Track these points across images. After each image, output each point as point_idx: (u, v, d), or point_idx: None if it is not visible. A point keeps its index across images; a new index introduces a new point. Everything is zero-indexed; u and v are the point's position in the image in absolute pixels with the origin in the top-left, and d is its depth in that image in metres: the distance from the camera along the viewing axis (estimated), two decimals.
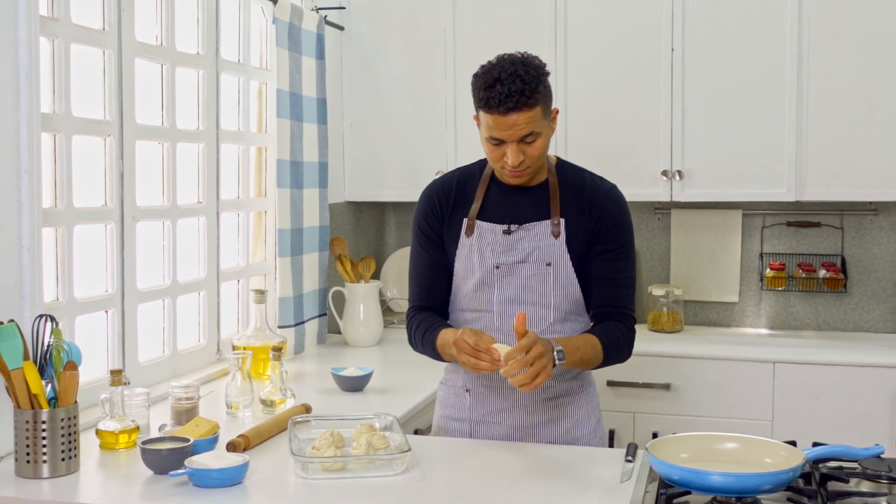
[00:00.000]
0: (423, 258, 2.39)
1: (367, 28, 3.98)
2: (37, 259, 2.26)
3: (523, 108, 2.13)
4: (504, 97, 2.12)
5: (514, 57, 2.19)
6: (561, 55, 3.75)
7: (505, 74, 2.13)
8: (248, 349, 2.90)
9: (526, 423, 2.34)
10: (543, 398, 2.33)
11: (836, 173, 3.54)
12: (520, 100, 2.12)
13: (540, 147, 2.21)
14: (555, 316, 2.30)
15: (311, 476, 2.02)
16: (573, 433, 2.36)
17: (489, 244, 2.31)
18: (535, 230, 2.29)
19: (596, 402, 2.44)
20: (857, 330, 3.88)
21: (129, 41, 2.71)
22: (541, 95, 2.16)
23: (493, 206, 2.34)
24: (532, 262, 2.29)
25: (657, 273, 4.09)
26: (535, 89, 2.14)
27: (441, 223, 2.37)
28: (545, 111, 2.19)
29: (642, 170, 3.71)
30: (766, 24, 3.56)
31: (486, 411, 2.36)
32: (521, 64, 2.16)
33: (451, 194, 2.37)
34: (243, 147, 3.37)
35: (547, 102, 2.20)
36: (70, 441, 2.06)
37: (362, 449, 2.08)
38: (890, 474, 1.93)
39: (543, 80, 2.18)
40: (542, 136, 2.20)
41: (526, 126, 2.15)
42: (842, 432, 3.26)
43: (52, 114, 2.46)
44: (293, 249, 3.44)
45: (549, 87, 2.21)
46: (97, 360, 2.65)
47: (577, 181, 2.34)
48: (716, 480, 1.79)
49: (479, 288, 2.32)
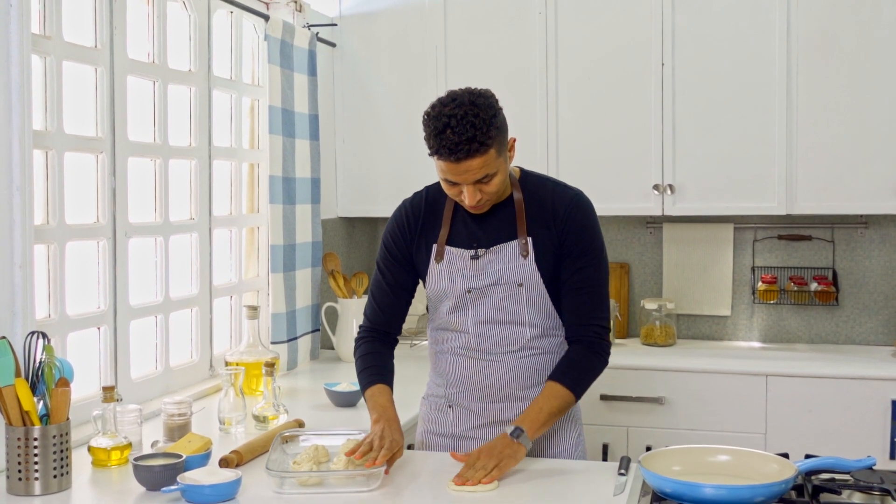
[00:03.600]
0: (387, 277, 2.38)
1: (359, 45, 4.00)
2: (28, 276, 2.26)
3: (475, 154, 2.08)
4: (455, 145, 2.07)
5: (463, 98, 2.11)
6: (552, 70, 3.77)
7: (455, 121, 2.07)
8: (241, 365, 2.90)
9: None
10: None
11: (826, 187, 3.55)
12: (471, 147, 2.07)
13: (497, 184, 2.17)
14: (531, 333, 2.30)
15: (287, 491, 2.02)
16: (554, 448, 2.35)
17: (459, 269, 2.29)
18: (504, 251, 2.27)
19: (577, 416, 2.42)
20: (848, 343, 3.89)
21: (122, 58, 2.72)
22: (493, 138, 2.10)
23: (460, 229, 2.32)
24: (503, 284, 2.27)
25: (650, 287, 4.10)
26: (487, 133, 2.08)
27: (409, 244, 2.36)
28: (500, 150, 2.14)
29: (633, 184, 3.72)
30: (755, 39, 3.59)
31: (468, 427, 2.36)
32: (471, 106, 2.09)
33: (420, 216, 2.36)
34: (235, 163, 3.38)
35: (501, 140, 2.15)
36: (62, 458, 2.06)
37: (342, 464, 2.08)
38: (882, 486, 1.93)
39: (495, 122, 2.11)
40: (499, 173, 2.16)
41: (480, 170, 2.12)
42: (834, 445, 3.26)
43: (45, 131, 2.47)
44: (286, 265, 3.44)
45: (502, 123, 2.15)
46: (90, 376, 2.65)
47: (541, 193, 2.30)
48: (708, 493, 1.80)
49: (454, 311, 2.32)
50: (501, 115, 2.17)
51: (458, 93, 2.14)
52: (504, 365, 2.30)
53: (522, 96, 3.79)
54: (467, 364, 2.33)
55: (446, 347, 2.37)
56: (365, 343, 2.40)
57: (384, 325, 2.41)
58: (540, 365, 2.31)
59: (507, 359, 2.30)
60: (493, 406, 2.33)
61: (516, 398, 2.31)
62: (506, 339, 2.30)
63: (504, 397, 2.32)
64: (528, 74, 3.80)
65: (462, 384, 2.34)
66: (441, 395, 2.41)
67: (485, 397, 2.32)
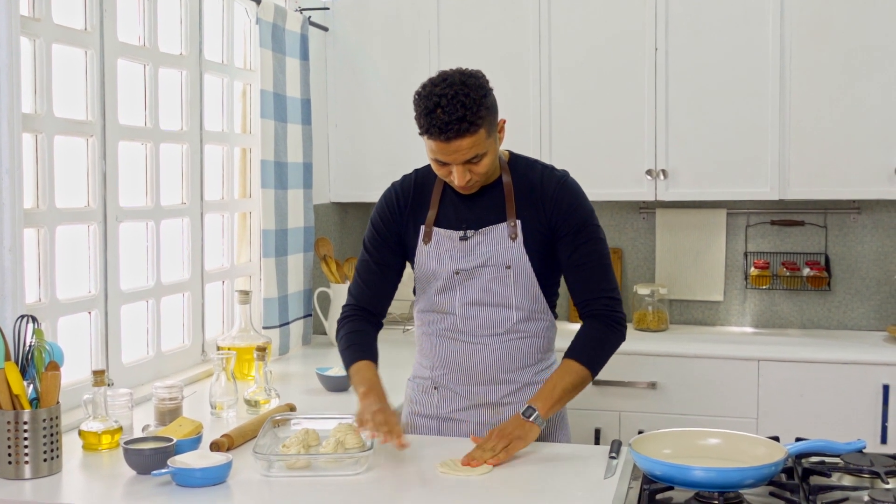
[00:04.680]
0: (374, 256, 2.38)
1: (352, 29, 3.98)
2: (18, 259, 2.25)
3: (465, 134, 2.09)
4: (445, 125, 2.07)
5: (454, 78, 2.11)
6: (545, 55, 3.75)
7: (445, 100, 2.07)
8: (233, 350, 2.90)
9: (493, 420, 2.34)
10: (511, 395, 2.33)
11: (819, 172, 3.55)
12: (461, 126, 2.08)
13: (487, 164, 2.18)
14: (518, 316, 2.31)
15: (274, 474, 2.02)
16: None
17: (447, 251, 2.30)
18: (493, 234, 2.28)
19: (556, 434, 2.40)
20: (840, 328, 3.90)
21: (112, 41, 2.70)
22: (483, 118, 2.10)
23: (448, 210, 2.32)
24: (491, 266, 2.28)
25: (642, 272, 4.10)
26: (477, 114, 2.08)
27: (398, 225, 2.36)
28: (490, 131, 2.14)
29: (626, 169, 3.72)
30: (749, 25, 3.58)
31: (453, 408, 2.37)
32: (462, 86, 2.09)
33: (409, 197, 2.36)
34: (227, 148, 3.37)
35: (491, 121, 2.15)
36: (52, 442, 2.05)
37: (331, 447, 2.09)
38: (871, 468, 1.94)
39: (485, 102, 2.11)
40: (489, 154, 2.17)
41: (470, 150, 2.12)
42: (826, 429, 3.27)
43: (34, 114, 2.45)
44: (278, 250, 3.44)
45: (492, 103, 2.16)
46: (81, 361, 2.64)
47: (530, 175, 2.30)
48: (698, 475, 1.80)
49: (441, 292, 2.33)
50: (492, 95, 2.16)
51: (449, 73, 2.14)
52: (489, 347, 2.31)
53: (516, 81, 3.78)
54: (453, 346, 2.34)
55: (432, 329, 2.37)
56: (349, 322, 2.39)
57: (369, 304, 2.40)
58: (525, 348, 2.33)
59: (492, 341, 2.31)
60: (478, 388, 2.34)
61: (501, 381, 2.33)
62: (492, 322, 2.30)
63: (489, 380, 2.33)
64: (521, 59, 3.78)
65: (447, 366, 2.35)
66: (427, 377, 2.41)
67: (469, 380, 2.34)
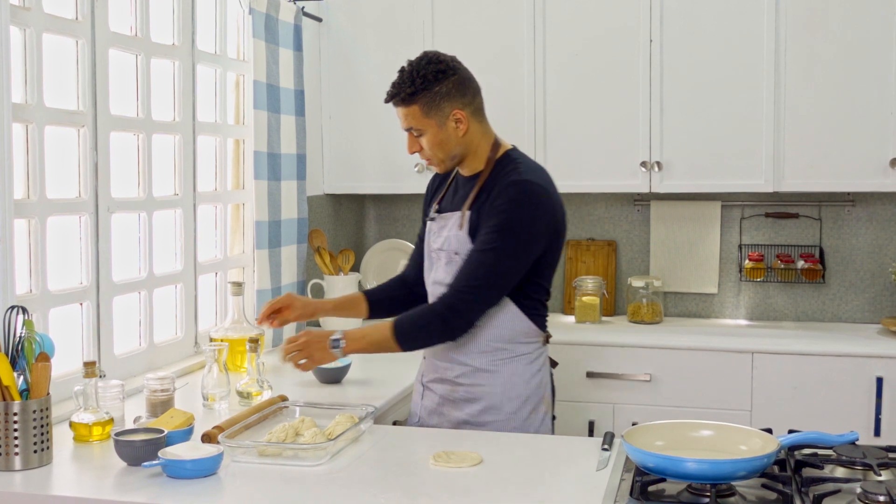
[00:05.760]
0: (420, 231, 2.63)
1: (346, 20, 3.97)
2: (8, 250, 2.24)
3: (399, 103, 2.36)
4: (391, 88, 2.37)
5: (426, 55, 2.37)
6: (539, 47, 3.74)
7: (403, 70, 2.36)
8: (226, 341, 2.89)
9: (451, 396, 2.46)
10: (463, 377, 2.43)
11: (813, 164, 3.55)
12: (398, 95, 2.35)
13: (428, 142, 2.38)
14: None
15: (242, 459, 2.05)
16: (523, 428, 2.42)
17: (429, 231, 2.53)
18: (449, 221, 2.45)
19: (518, 390, 2.43)
20: (835, 320, 3.90)
21: (103, 31, 2.69)
22: (422, 97, 2.32)
23: (448, 194, 2.53)
24: (446, 251, 2.45)
25: (637, 265, 4.09)
26: (420, 89, 2.31)
27: (428, 200, 2.62)
28: (426, 111, 2.34)
29: (621, 161, 3.71)
30: (743, 16, 3.57)
31: (428, 378, 2.54)
32: (417, 64, 2.34)
33: (437, 179, 2.63)
34: (220, 139, 3.35)
35: (431, 104, 2.34)
36: (43, 433, 2.04)
37: (287, 437, 2.12)
38: (864, 460, 1.94)
39: (435, 85, 2.32)
40: (427, 134, 2.37)
41: (405, 120, 2.38)
42: (820, 422, 3.27)
43: (24, 104, 2.44)
44: (271, 242, 3.42)
45: (442, 91, 2.33)
46: (73, 352, 2.63)
47: (503, 173, 2.38)
48: (691, 467, 1.79)
49: (425, 269, 2.56)
50: (448, 84, 2.34)
51: (427, 53, 2.39)
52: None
53: (510, 73, 3.77)
54: None
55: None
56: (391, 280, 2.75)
57: (407, 272, 2.69)
58: (477, 334, 2.40)
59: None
60: (440, 364, 2.48)
61: (455, 361, 2.44)
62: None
63: (445, 358, 2.46)
64: (515, 50, 3.77)
65: None
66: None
67: (434, 353, 2.50)
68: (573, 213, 4.11)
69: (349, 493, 1.89)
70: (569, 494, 1.88)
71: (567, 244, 4.10)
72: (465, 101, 2.37)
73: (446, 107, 2.34)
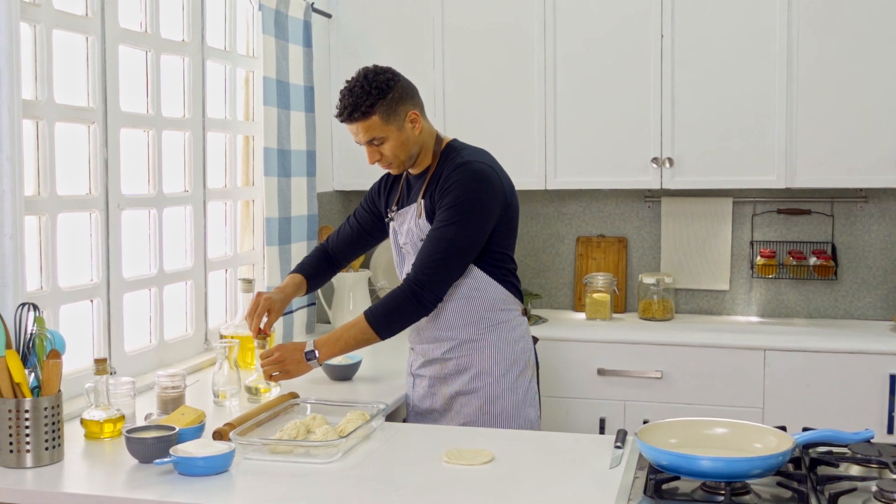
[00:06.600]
0: (357, 212, 2.79)
1: (355, 16, 3.96)
2: (19, 247, 2.23)
3: (360, 118, 2.43)
4: (342, 109, 2.45)
5: (364, 71, 2.46)
6: (550, 42, 3.73)
7: (346, 90, 2.44)
8: (236, 338, 2.88)
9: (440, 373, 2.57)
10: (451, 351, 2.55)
11: (826, 160, 3.53)
12: (357, 110, 2.42)
13: (391, 148, 2.48)
14: None
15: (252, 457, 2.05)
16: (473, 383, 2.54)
17: (392, 230, 2.65)
18: (407, 214, 2.58)
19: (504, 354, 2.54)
20: (847, 317, 3.88)
21: (113, 27, 2.68)
22: (380, 106, 2.41)
23: (403, 194, 2.65)
24: (411, 242, 2.55)
25: (648, 261, 4.08)
26: (378, 99, 2.40)
27: (380, 198, 2.73)
28: (386, 119, 2.44)
29: (632, 157, 3.69)
30: (755, 11, 3.55)
31: (416, 366, 2.65)
32: (364, 79, 2.43)
33: (390, 178, 2.73)
34: (230, 135, 3.35)
35: (389, 111, 2.43)
36: (54, 430, 2.04)
37: (299, 434, 2.13)
38: (879, 458, 1.92)
39: (388, 92, 2.42)
40: (390, 139, 2.47)
41: (365, 133, 2.46)
42: (832, 419, 3.25)
43: (35, 100, 2.43)
44: (281, 238, 3.42)
45: (395, 97, 2.43)
46: (83, 349, 2.63)
47: (449, 162, 2.50)
48: (705, 465, 1.78)
49: (396, 265, 2.69)
50: (397, 90, 2.44)
51: (365, 68, 2.48)
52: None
53: (520, 68, 3.76)
54: None
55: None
56: (315, 251, 2.86)
57: (332, 248, 2.81)
58: (460, 308, 2.52)
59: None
60: (426, 346, 2.59)
61: (441, 339, 2.55)
62: None
63: (431, 338, 2.57)
64: (526, 46, 3.76)
65: (409, 329, 2.61)
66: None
67: (420, 338, 2.60)
68: (583, 210, 4.09)
69: (361, 490, 1.88)
70: (582, 492, 1.87)
71: (577, 240, 4.09)
72: (415, 101, 2.52)
73: (401, 110, 2.46)
